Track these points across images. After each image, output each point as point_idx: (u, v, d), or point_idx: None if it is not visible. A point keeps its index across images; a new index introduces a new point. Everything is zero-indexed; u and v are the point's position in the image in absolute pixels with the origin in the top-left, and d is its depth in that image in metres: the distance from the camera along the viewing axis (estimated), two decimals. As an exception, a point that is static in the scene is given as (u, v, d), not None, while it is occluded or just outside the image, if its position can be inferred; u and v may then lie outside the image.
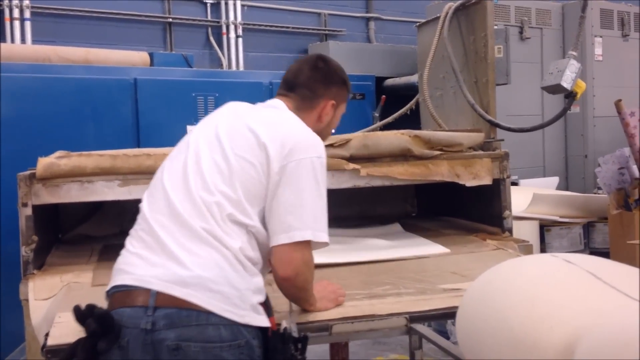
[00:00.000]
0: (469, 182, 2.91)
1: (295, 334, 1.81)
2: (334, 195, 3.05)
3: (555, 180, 5.81)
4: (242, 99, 2.13)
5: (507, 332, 1.42)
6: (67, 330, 1.85)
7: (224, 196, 1.79)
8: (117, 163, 2.54)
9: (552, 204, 4.26)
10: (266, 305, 1.82)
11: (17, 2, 5.51)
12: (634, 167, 3.98)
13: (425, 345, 3.13)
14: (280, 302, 1.99)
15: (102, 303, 1.78)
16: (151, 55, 5.36)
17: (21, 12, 5.54)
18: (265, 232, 1.84)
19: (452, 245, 2.90)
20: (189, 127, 4.58)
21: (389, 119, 4.77)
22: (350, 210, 3.70)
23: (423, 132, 2.93)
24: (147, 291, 1.69)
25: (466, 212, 3.38)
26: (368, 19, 7.64)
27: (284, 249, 1.82)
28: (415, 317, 2.06)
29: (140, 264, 1.75)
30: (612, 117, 4.46)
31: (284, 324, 1.81)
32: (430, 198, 3.77)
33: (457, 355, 2.48)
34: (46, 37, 5.59)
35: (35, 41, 5.52)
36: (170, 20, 6.39)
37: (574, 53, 3.30)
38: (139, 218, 1.88)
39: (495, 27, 3.59)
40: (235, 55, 6.60)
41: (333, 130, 2.23)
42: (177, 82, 4.99)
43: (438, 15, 3.69)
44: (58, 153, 2.55)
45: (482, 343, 1.54)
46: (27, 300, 2.28)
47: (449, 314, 2.00)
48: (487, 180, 2.93)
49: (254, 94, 4.88)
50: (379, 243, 2.94)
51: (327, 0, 7.35)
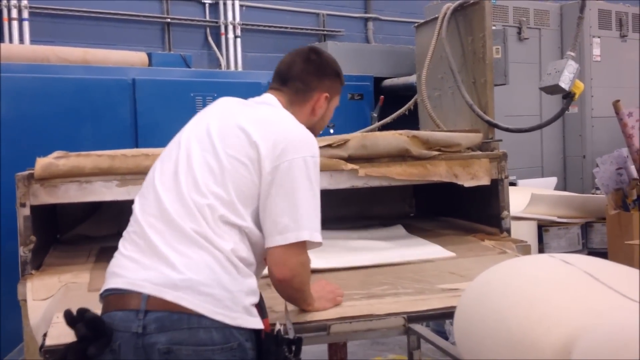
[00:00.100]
0: (467, 183, 2.91)
1: (291, 336, 1.80)
2: (332, 196, 3.06)
3: (553, 180, 5.81)
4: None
5: (505, 333, 1.42)
6: (65, 331, 1.84)
7: (216, 197, 1.77)
8: (115, 163, 2.53)
9: (550, 204, 4.26)
10: (260, 307, 1.80)
11: (15, 2, 5.51)
12: (632, 168, 3.98)
13: (424, 346, 3.13)
14: (279, 302, 1.98)
15: (99, 305, 1.78)
16: (149, 55, 5.36)
17: (19, 12, 5.54)
18: (258, 232, 1.82)
19: (451, 245, 2.90)
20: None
21: (388, 120, 4.76)
22: (348, 210, 3.70)
23: (421, 133, 2.93)
24: (139, 295, 1.68)
25: (464, 212, 3.38)
26: (366, 20, 7.65)
27: (279, 251, 1.81)
28: (414, 317, 2.06)
29: (132, 267, 1.74)
30: (610, 118, 4.47)
31: (278, 326, 1.79)
32: (428, 198, 3.77)
33: (455, 356, 2.48)
34: (44, 37, 5.59)
35: (33, 41, 5.52)
36: (169, 20, 6.39)
37: (572, 53, 3.31)
38: (132, 219, 1.87)
39: (494, 27, 3.59)
40: (233, 55, 6.61)
41: (331, 131, 2.22)
42: (176, 83, 4.99)
43: (436, 15, 3.69)
44: (56, 153, 2.55)
45: (479, 343, 1.54)
46: (25, 300, 2.28)
47: (447, 314, 2.00)
48: (485, 181, 2.93)
49: (253, 94, 4.77)
50: (383, 246, 2.90)
51: (326, 1, 7.36)
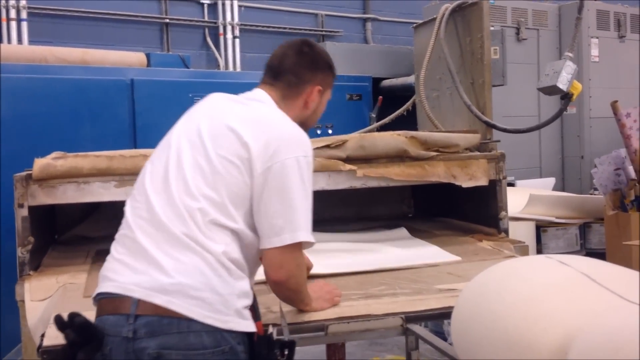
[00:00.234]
0: (465, 183, 2.91)
1: (286, 337, 1.79)
2: (330, 196, 3.07)
3: (551, 181, 5.81)
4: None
5: (502, 334, 1.42)
6: (63, 331, 1.85)
7: (208, 200, 1.75)
8: (113, 164, 2.53)
9: (548, 204, 4.26)
10: (254, 309, 1.79)
11: (13, 2, 5.50)
12: (630, 168, 3.99)
13: (422, 346, 3.13)
14: (277, 302, 1.98)
15: (94, 307, 1.78)
16: (148, 55, 5.36)
17: (18, 12, 5.54)
18: (251, 233, 1.81)
19: (449, 246, 2.90)
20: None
21: (386, 120, 4.76)
22: (346, 211, 3.71)
23: (419, 133, 2.94)
24: (129, 299, 1.67)
25: (462, 213, 3.38)
26: (365, 20, 7.65)
27: (275, 253, 1.80)
28: (411, 317, 2.06)
29: (123, 271, 1.73)
30: (609, 118, 4.48)
31: (271, 329, 1.78)
32: (426, 199, 3.77)
33: (453, 356, 2.47)
34: (43, 38, 5.59)
35: (31, 42, 5.52)
36: (167, 20, 6.39)
37: (570, 54, 3.31)
38: (123, 222, 1.85)
39: (492, 28, 3.59)
40: (232, 56, 6.60)
41: (330, 131, 2.21)
42: (174, 83, 4.99)
43: (435, 16, 3.69)
44: (54, 154, 2.55)
45: (476, 344, 1.54)
46: (23, 301, 2.28)
47: (445, 314, 2.00)
48: (483, 181, 2.94)
49: (251, 94, 4.86)
50: (387, 250, 2.86)
51: (324, 1, 7.36)
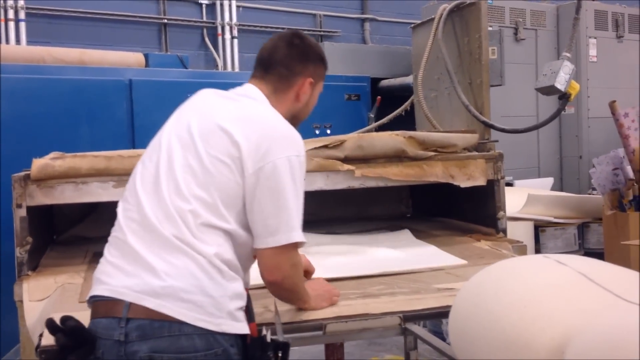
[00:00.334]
0: (464, 183, 2.91)
1: (280, 337, 1.78)
2: (329, 196, 3.07)
3: (550, 181, 5.82)
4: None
5: (499, 333, 1.42)
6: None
7: (199, 201, 1.73)
8: (111, 164, 2.53)
9: (546, 204, 4.27)
10: (248, 310, 1.78)
11: (11, 2, 5.50)
12: (628, 168, 3.99)
13: (421, 346, 3.12)
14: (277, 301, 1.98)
15: None
16: (146, 56, 5.36)
17: (16, 13, 5.54)
18: (244, 233, 1.79)
19: (447, 246, 2.90)
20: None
21: (384, 120, 4.77)
22: (345, 211, 3.71)
23: (417, 133, 2.94)
24: (121, 302, 1.66)
25: (461, 213, 3.38)
26: (363, 20, 7.65)
27: (270, 253, 1.79)
28: (409, 317, 2.06)
29: (115, 274, 1.72)
30: (607, 118, 4.48)
31: (264, 331, 1.77)
32: (425, 199, 3.77)
33: (452, 356, 2.47)
34: (41, 38, 5.59)
35: (29, 42, 5.52)
36: (166, 21, 6.39)
37: (568, 54, 3.31)
38: (115, 224, 1.84)
39: (490, 28, 3.59)
40: (230, 56, 6.61)
41: (328, 131, 2.20)
42: (172, 83, 4.99)
43: (433, 16, 3.69)
44: (52, 154, 2.54)
45: (474, 344, 1.54)
46: (21, 301, 2.28)
47: (443, 313, 2.00)
48: (481, 181, 2.94)
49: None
50: (392, 255, 2.80)
51: (322, 1, 7.36)
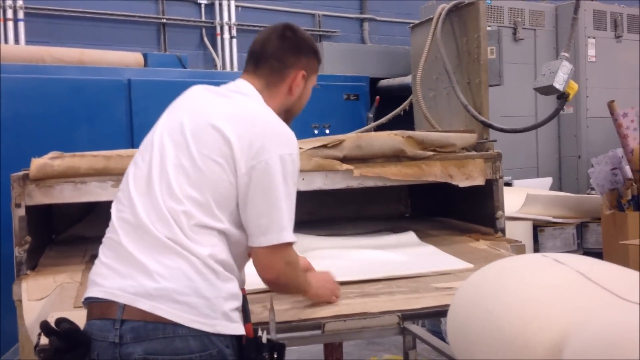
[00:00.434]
0: (462, 183, 2.91)
1: (273, 336, 1.78)
2: (327, 196, 3.07)
3: (548, 180, 5.82)
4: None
5: (498, 332, 1.43)
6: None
7: (192, 202, 1.72)
8: (110, 164, 2.53)
9: (545, 204, 4.27)
10: (244, 310, 1.77)
11: (10, 2, 5.51)
12: (627, 168, 3.99)
13: (419, 346, 3.13)
14: (278, 299, 1.98)
15: None
16: (145, 56, 5.37)
17: (15, 12, 5.54)
18: (238, 231, 1.79)
19: (445, 246, 2.90)
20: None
21: (383, 120, 4.78)
22: (343, 210, 3.71)
23: (416, 133, 2.94)
24: (116, 304, 1.66)
25: (459, 212, 3.38)
26: (362, 20, 7.66)
27: (263, 252, 1.79)
28: (408, 315, 2.06)
29: (109, 276, 1.72)
30: (605, 118, 4.48)
31: (260, 332, 1.77)
32: (423, 199, 3.78)
33: (450, 356, 2.48)
34: (40, 38, 5.60)
35: (28, 42, 5.52)
36: (164, 21, 6.39)
37: (566, 54, 3.32)
38: (110, 225, 1.83)
39: (489, 28, 3.60)
40: (229, 56, 6.61)
41: (327, 131, 2.19)
42: (171, 83, 4.98)
43: (431, 16, 3.70)
44: (51, 154, 2.54)
45: (473, 343, 1.55)
46: (20, 300, 2.28)
47: (442, 312, 2.00)
48: (479, 181, 2.94)
49: (248, 94, 4.87)
50: (397, 258, 2.74)
51: (321, 1, 7.36)
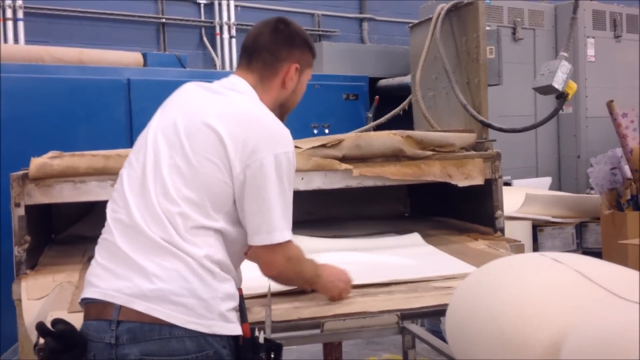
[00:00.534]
0: (461, 183, 2.91)
1: (268, 334, 1.78)
2: (326, 196, 3.07)
3: (547, 180, 5.83)
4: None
5: (496, 331, 1.43)
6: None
7: (188, 202, 1.72)
8: (109, 163, 2.53)
9: (544, 204, 4.27)
10: (241, 310, 1.77)
11: (10, 2, 5.50)
12: (626, 168, 3.99)
13: (419, 345, 3.13)
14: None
15: None
16: (144, 55, 5.37)
17: (14, 12, 5.54)
18: (234, 229, 1.78)
19: (444, 245, 2.90)
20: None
21: (382, 120, 4.78)
22: (342, 210, 3.71)
23: (415, 133, 2.94)
24: (112, 305, 1.66)
25: (458, 212, 3.38)
26: (361, 20, 7.66)
27: (261, 251, 1.80)
28: (407, 315, 2.06)
29: (105, 276, 1.71)
30: (605, 118, 4.48)
31: (257, 332, 1.77)
32: (422, 198, 3.78)
33: (450, 355, 2.48)
34: (39, 38, 5.59)
35: (28, 41, 5.52)
36: (164, 20, 6.39)
37: (565, 54, 3.32)
38: (105, 225, 1.82)
39: (488, 28, 3.60)
40: (228, 55, 6.61)
41: (326, 131, 2.20)
42: (171, 83, 4.88)
43: (431, 16, 3.70)
44: (51, 153, 2.55)
45: (471, 342, 1.55)
46: (19, 300, 2.28)
47: (441, 311, 2.00)
48: (479, 181, 2.94)
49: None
50: (402, 262, 2.66)
51: (321, 1, 7.36)
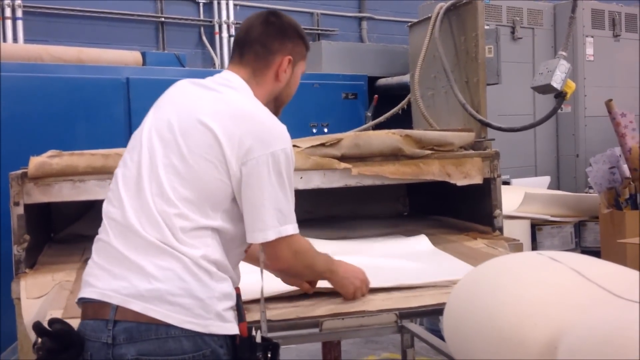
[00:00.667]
0: (460, 182, 2.91)
1: (264, 333, 1.78)
2: (325, 195, 3.07)
3: (546, 179, 5.83)
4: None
5: (494, 330, 1.43)
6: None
7: (185, 202, 1.71)
8: (109, 162, 2.53)
9: (543, 203, 4.27)
10: (238, 309, 1.77)
11: (9, 1, 5.50)
12: (625, 167, 3.99)
13: (417, 344, 3.13)
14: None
15: None
16: (144, 54, 5.36)
17: (13, 11, 5.54)
18: (232, 227, 1.78)
19: (443, 245, 2.91)
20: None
21: (381, 119, 4.79)
22: (341, 209, 3.71)
23: (414, 132, 2.94)
24: (109, 305, 1.66)
25: (457, 211, 3.38)
26: (361, 19, 7.66)
27: (265, 246, 1.80)
28: (406, 314, 2.07)
29: (102, 276, 1.71)
30: (603, 117, 4.48)
31: (254, 331, 1.77)
32: (421, 197, 3.78)
33: (448, 354, 2.48)
34: (38, 37, 5.59)
35: (27, 40, 5.51)
36: (163, 19, 6.39)
37: (564, 53, 3.33)
38: (101, 225, 1.82)
39: (487, 27, 3.61)
40: (227, 54, 6.61)
41: (325, 130, 2.19)
42: (170, 82, 4.77)
43: (430, 15, 3.70)
44: (50, 152, 2.55)
45: (469, 341, 1.55)
46: (19, 299, 2.29)
47: (439, 310, 2.00)
48: (477, 180, 2.94)
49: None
50: (409, 265, 2.62)
51: (320, 0, 7.36)
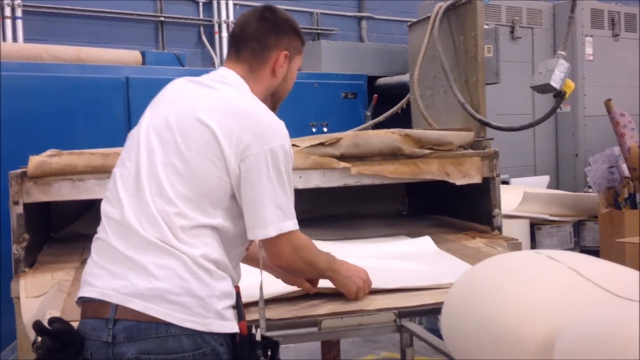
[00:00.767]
0: (459, 181, 2.92)
1: (264, 334, 1.78)
2: (325, 194, 3.08)
3: (545, 179, 5.83)
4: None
5: (491, 328, 1.44)
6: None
7: (185, 201, 1.71)
8: (108, 161, 2.53)
9: (542, 202, 4.27)
10: (238, 308, 1.77)
11: (8, 0, 5.50)
12: (624, 166, 4.00)
13: (417, 343, 3.13)
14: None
15: None
16: (143, 54, 5.37)
17: (13, 10, 5.54)
18: (232, 225, 1.78)
19: (443, 243, 2.90)
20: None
21: (380, 118, 4.79)
22: (341, 209, 3.71)
23: (413, 131, 2.95)
24: (108, 304, 1.66)
25: (456, 210, 3.39)
26: (360, 19, 7.66)
27: (266, 243, 1.80)
28: (404, 313, 2.06)
29: (102, 275, 1.71)
30: (603, 117, 4.49)
31: (254, 330, 1.77)
32: (421, 197, 3.78)
33: (448, 353, 2.48)
34: (38, 36, 5.60)
35: (27, 40, 5.52)
36: (163, 19, 6.39)
37: (563, 53, 3.33)
38: (100, 224, 1.81)
39: (486, 26, 3.61)
40: (227, 54, 6.60)
41: (325, 129, 2.19)
42: (169, 81, 4.95)
43: (429, 15, 3.71)
44: (49, 151, 2.55)
45: (467, 340, 1.56)
46: (18, 298, 2.29)
47: (438, 309, 2.00)
48: (476, 179, 2.94)
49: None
50: (414, 267, 2.60)
51: (320, 0, 7.37)
